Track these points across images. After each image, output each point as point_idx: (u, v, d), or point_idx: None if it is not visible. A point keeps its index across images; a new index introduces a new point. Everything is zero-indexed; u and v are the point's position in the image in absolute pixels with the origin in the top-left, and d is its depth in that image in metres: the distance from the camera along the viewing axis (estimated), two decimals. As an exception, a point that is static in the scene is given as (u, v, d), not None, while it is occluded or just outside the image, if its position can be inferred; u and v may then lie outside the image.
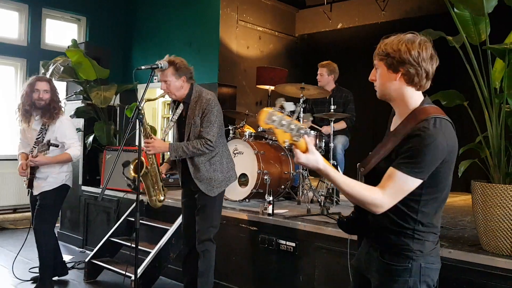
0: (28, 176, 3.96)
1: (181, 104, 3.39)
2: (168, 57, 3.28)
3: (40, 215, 3.95)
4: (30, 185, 4.02)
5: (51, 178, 3.98)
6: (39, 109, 3.95)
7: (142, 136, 3.31)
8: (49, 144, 3.72)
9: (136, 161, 3.24)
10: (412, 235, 1.79)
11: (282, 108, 1.72)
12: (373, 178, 1.78)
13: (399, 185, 1.70)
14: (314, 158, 1.71)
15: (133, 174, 3.35)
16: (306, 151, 1.72)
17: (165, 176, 3.53)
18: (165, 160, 3.70)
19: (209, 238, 3.38)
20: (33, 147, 3.92)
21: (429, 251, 1.80)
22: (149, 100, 3.42)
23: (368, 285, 1.91)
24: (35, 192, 4.00)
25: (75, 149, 4.00)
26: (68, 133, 4.01)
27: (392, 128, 1.89)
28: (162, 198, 3.52)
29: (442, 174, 1.75)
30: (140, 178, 3.25)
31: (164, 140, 6.53)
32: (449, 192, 1.84)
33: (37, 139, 3.95)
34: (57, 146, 3.84)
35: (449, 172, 1.80)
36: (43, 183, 3.97)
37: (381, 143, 1.88)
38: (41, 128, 3.97)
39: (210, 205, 3.39)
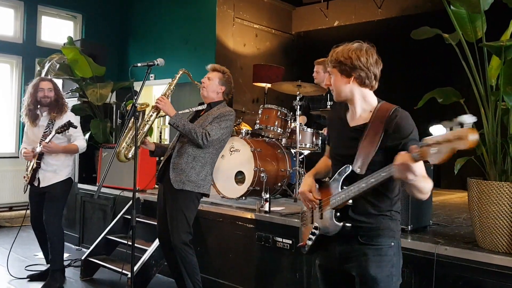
0: (35, 165, 4.03)
1: (205, 105, 3.57)
2: (225, 68, 3.58)
3: (50, 207, 4.05)
4: (32, 179, 4.06)
5: (61, 171, 4.12)
6: (46, 106, 4.12)
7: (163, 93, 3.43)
8: (69, 124, 3.90)
9: (143, 105, 3.36)
10: (390, 216, 2.02)
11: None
12: (368, 173, 1.92)
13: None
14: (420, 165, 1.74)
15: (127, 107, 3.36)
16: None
17: (147, 143, 3.44)
18: (155, 142, 3.73)
19: (181, 241, 3.30)
20: (41, 140, 4.02)
21: (399, 229, 2.08)
22: (186, 73, 3.54)
23: (342, 280, 2.10)
24: (42, 184, 4.06)
25: (81, 141, 4.20)
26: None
27: (351, 123, 2.09)
28: (130, 156, 3.37)
29: None
30: (132, 119, 3.16)
31: (161, 139, 6.53)
32: None
33: (44, 132, 4.07)
34: (75, 127, 3.98)
35: None
36: (51, 175, 4.08)
37: (362, 142, 1.98)
38: (48, 123, 4.11)
39: (177, 204, 3.33)
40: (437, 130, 1.61)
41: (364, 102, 2.07)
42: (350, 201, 1.96)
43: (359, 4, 7.50)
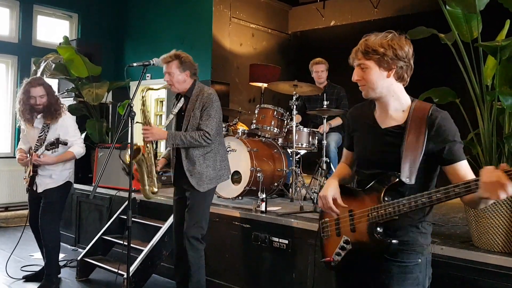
0: (31, 173, 3.96)
1: (182, 98, 3.43)
2: (175, 51, 3.36)
3: (46, 212, 3.98)
4: (31, 183, 4.02)
5: (56, 176, 4.02)
6: (40, 112, 3.96)
7: (141, 121, 3.39)
8: (58, 142, 3.73)
9: (134, 147, 3.24)
10: (420, 230, 1.83)
11: None
12: (420, 183, 1.78)
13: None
14: None
15: (128, 159, 3.32)
16: None
17: (159, 170, 3.47)
18: (162, 156, 3.69)
19: (195, 237, 3.34)
20: (36, 145, 3.93)
21: (429, 243, 1.86)
22: (150, 89, 3.47)
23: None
24: (39, 190, 4.01)
25: (78, 147, 4.02)
26: (70, 130, 4.01)
27: (383, 125, 1.88)
28: (155, 189, 3.43)
29: None
30: (135, 164, 3.27)
31: (157, 144, 6.51)
32: None
33: (39, 137, 3.96)
34: (65, 144, 3.80)
35: None
36: (47, 180, 4.00)
37: (405, 146, 1.78)
38: (43, 126, 3.99)
39: (198, 203, 3.37)
40: None
41: (397, 100, 1.86)
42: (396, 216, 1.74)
43: (355, 4, 7.51)
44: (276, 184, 4.60)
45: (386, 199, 1.78)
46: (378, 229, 1.79)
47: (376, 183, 1.82)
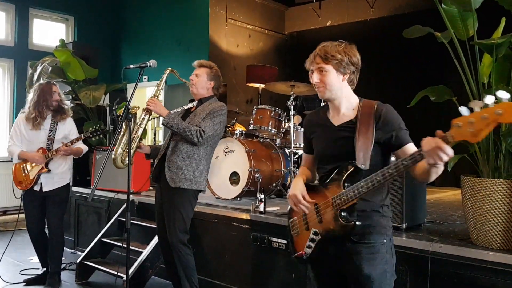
0: (44, 171, 4.02)
1: (195, 102, 3.56)
2: (211, 62, 3.57)
3: (56, 211, 4.09)
4: (35, 183, 4.04)
5: (65, 174, 4.16)
6: (52, 111, 4.12)
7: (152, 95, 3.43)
8: (98, 129, 4.17)
9: (135, 108, 3.31)
10: (382, 213, 2.03)
11: None
12: (373, 167, 1.92)
13: None
14: None
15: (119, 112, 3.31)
16: None
17: (142, 147, 3.42)
18: (150, 145, 3.73)
19: (178, 240, 3.30)
20: (48, 143, 4.06)
21: (391, 226, 2.08)
22: (174, 72, 3.51)
23: (335, 281, 2.11)
24: (45, 189, 4.04)
25: (83, 144, 4.26)
26: (75, 131, 4.24)
27: (336, 122, 2.09)
28: (126, 161, 3.26)
29: None
30: (124, 123, 3.17)
31: (155, 140, 6.52)
32: None
33: (49, 137, 4.08)
34: (101, 134, 4.27)
35: None
36: (58, 178, 4.09)
37: (357, 137, 1.98)
38: (50, 126, 4.10)
39: (173, 204, 3.33)
40: (465, 110, 1.62)
41: (348, 101, 2.09)
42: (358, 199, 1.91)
43: (352, 4, 7.52)
44: (274, 184, 4.60)
45: (346, 185, 1.95)
46: (343, 214, 1.95)
47: (336, 174, 2.00)
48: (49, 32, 7.88)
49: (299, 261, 2.14)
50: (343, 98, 2.07)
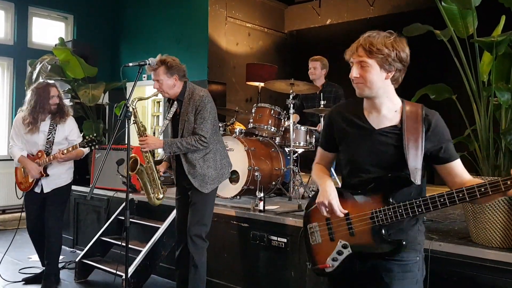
0: (44, 175, 3.98)
1: (175, 102, 3.40)
2: (160, 56, 3.29)
3: (55, 211, 4.04)
4: (34, 186, 4.02)
5: (65, 175, 4.11)
6: (50, 113, 4.03)
7: (136, 133, 3.39)
8: (94, 139, 3.91)
9: (131, 159, 3.25)
10: (418, 227, 1.83)
11: None
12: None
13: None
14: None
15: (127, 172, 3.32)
16: None
17: (162, 174, 3.49)
18: (163, 159, 3.66)
19: (198, 235, 3.34)
20: (46, 147, 3.99)
21: (424, 242, 1.89)
22: (141, 99, 3.46)
23: None
24: (46, 190, 4.02)
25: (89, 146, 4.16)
26: (76, 131, 4.16)
27: (378, 126, 1.85)
28: (161, 196, 3.46)
29: None
30: (137, 175, 3.32)
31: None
32: None
33: (47, 139, 4.01)
34: (95, 145, 3.97)
35: None
36: (57, 179, 4.05)
37: (407, 146, 1.77)
38: (49, 128, 4.02)
39: (202, 202, 3.36)
40: None
41: (391, 101, 1.84)
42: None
43: (351, 2, 7.51)
44: (274, 183, 4.59)
45: (391, 201, 1.76)
46: (383, 231, 1.78)
47: (379, 185, 1.79)
48: (48, 30, 7.86)
49: (317, 273, 1.96)
50: (385, 98, 1.82)
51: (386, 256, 1.79)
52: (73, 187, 5.56)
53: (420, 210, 1.70)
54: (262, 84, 6.12)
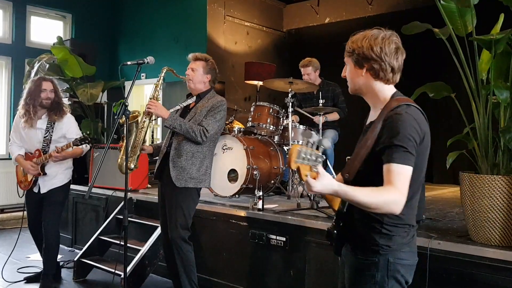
0: (40, 174, 3.95)
1: (194, 97, 3.51)
2: (206, 55, 3.52)
3: (51, 211, 3.99)
4: (33, 185, 4.01)
5: (61, 175, 4.06)
6: (45, 108, 4.00)
7: (149, 96, 3.40)
8: (85, 138, 3.85)
9: (135, 113, 3.28)
10: (380, 230, 1.77)
11: (307, 140, 1.63)
12: (360, 181, 1.72)
13: (403, 176, 1.66)
14: (328, 181, 1.62)
15: (121, 121, 3.16)
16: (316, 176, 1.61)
17: (145, 148, 3.43)
18: (151, 144, 3.69)
19: (179, 236, 3.30)
20: (43, 145, 3.95)
21: (399, 246, 1.78)
22: (171, 70, 3.47)
23: None
24: (43, 190, 4.00)
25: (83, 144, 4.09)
26: (74, 129, 4.10)
27: (368, 122, 1.92)
28: (132, 166, 3.31)
29: (416, 162, 1.71)
30: (128, 127, 3.16)
31: (153, 138, 6.50)
32: (422, 182, 1.85)
33: (45, 137, 3.98)
34: (89, 143, 3.92)
35: (424, 160, 1.79)
36: (54, 179, 4.01)
37: (360, 143, 1.83)
38: (47, 126, 4.00)
39: (177, 201, 3.33)
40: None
41: (376, 98, 1.86)
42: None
43: (350, 1, 7.50)
44: (273, 181, 4.59)
45: None
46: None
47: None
48: (47, 29, 7.84)
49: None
50: (369, 94, 1.87)
51: (350, 248, 1.85)
52: (72, 186, 5.56)
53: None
54: (260, 83, 6.11)
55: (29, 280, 4.25)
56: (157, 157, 3.57)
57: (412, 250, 1.85)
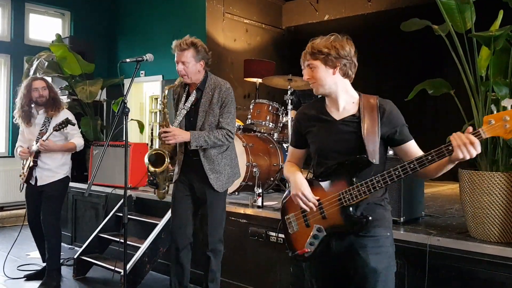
0: (31, 164, 3.97)
1: (194, 92, 3.19)
2: (189, 38, 3.12)
3: (48, 206, 4.02)
4: (29, 177, 4.02)
5: (58, 169, 4.09)
6: (42, 106, 4.07)
7: (159, 124, 3.37)
8: (67, 121, 3.86)
9: (156, 152, 3.15)
10: (384, 206, 2.04)
11: None
12: (382, 163, 1.99)
13: None
14: None
15: (152, 168, 3.12)
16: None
17: (171, 168, 3.32)
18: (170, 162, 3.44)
19: (220, 239, 3.23)
20: (38, 138, 3.98)
21: (391, 219, 2.09)
22: (171, 87, 3.25)
23: (335, 276, 2.09)
24: (39, 183, 4.03)
25: (79, 139, 4.17)
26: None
27: (338, 117, 2.04)
28: (167, 189, 3.34)
29: None
30: (158, 173, 3.19)
31: (152, 136, 6.49)
32: None
33: (41, 130, 4.02)
34: (73, 124, 3.97)
35: None
36: (48, 173, 4.04)
37: (363, 132, 1.97)
38: (44, 120, 4.06)
39: (218, 203, 3.20)
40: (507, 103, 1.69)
41: (347, 94, 2.06)
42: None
43: (349, -2, 7.49)
44: (272, 178, 4.59)
45: (355, 180, 1.94)
46: (351, 209, 1.95)
47: (342, 168, 1.96)
48: (45, 27, 7.83)
49: (298, 259, 2.12)
50: (340, 92, 2.04)
51: (358, 232, 1.96)
52: (71, 184, 5.56)
53: (380, 184, 1.89)
54: (260, 80, 6.11)
55: (29, 278, 4.25)
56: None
57: None
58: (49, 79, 6.27)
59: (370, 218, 1.92)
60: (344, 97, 2.05)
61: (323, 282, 2.15)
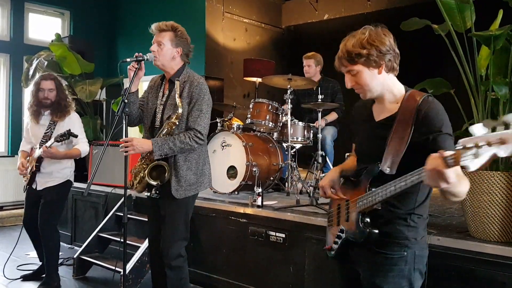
0: (33, 169, 3.91)
1: (166, 86, 3.01)
2: (173, 22, 2.94)
3: (46, 210, 3.94)
4: (31, 181, 3.99)
5: (57, 173, 3.99)
6: (47, 108, 3.97)
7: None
8: (69, 133, 3.72)
9: (153, 165, 2.93)
10: (407, 222, 1.80)
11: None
12: (400, 173, 1.67)
13: None
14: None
15: (154, 182, 2.91)
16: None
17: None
18: None
19: (179, 254, 2.93)
20: (42, 141, 3.91)
21: (421, 238, 1.84)
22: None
23: (357, 276, 1.94)
24: (39, 187, 3.98)
25: (84, 145, 4.01)
26: (76, 129, 3.94)
27: (377, 117, 1.89)
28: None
29: None
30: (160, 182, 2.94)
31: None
32: None
33: (45, 133, 3.95)
34: (75, 136, 3.81)
35: None
36: (48, 178, 3.97)
37: (391, 137, 1.76)
38: (49, 123, 3.98)
39: (177, 212, 2.93)
40: (478, 130, 1.34)
41: (391, 93, 1.84)
42: (378, 205, 1.75)
43: (348, -3, 7.50)
44: (272, 178, 4.59)
45: (369, 188, 1.80)
46: (366, 219, 1.81)
47: (364, 174, 1.84)
48: (45, 26, 7.83)
49: (325, 254, 2.09)
50: (386, 91, 1.83)
51: (363, 244, 1.82)
52: (71, 184, 5.57)
53: (389, 192, 1.68)
54: (259, 80, 6.11)
55: (25, 278, 4.23)
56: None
57: (426, 241, 1.91)
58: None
59: (374, 231, 1.76)
60: (388, 97, 1.85)
61: (341, 283, 2.13)
